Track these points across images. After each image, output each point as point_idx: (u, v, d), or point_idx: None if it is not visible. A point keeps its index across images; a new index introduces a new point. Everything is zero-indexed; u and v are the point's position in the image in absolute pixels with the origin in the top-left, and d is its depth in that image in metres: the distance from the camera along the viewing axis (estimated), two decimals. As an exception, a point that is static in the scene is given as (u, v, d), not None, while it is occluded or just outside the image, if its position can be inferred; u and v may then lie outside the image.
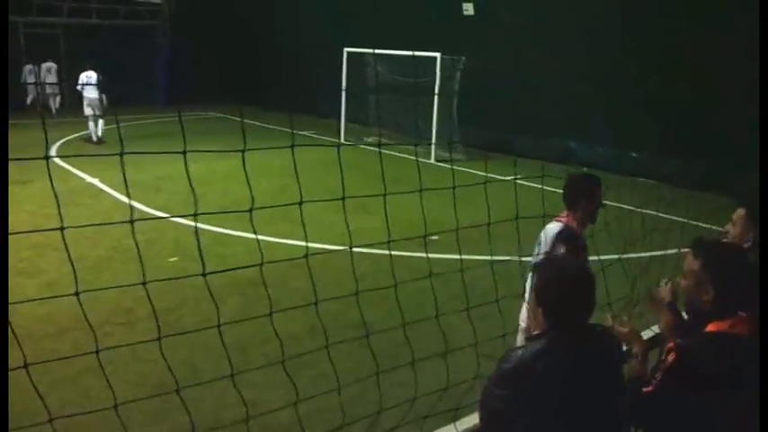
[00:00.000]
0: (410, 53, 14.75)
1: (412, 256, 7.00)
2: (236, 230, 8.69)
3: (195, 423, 4.37)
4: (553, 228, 4.03)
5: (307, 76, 20.91)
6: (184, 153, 1.97)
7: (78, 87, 15.69)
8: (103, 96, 15.56)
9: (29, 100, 21.04)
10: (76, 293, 2.03)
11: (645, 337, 3.06)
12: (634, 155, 13.56)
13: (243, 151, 2.13)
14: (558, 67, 14.36)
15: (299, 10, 21.64)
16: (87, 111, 15.51)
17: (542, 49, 14.59)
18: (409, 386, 3.35)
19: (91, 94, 15.39)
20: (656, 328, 3.01)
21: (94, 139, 15.70)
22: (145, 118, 19.58)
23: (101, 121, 15.68)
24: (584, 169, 12.99)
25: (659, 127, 12.13)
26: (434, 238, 7.39)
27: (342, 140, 16.69)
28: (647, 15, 12.73)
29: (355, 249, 7.62)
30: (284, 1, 22.30)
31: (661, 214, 7.05)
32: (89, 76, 15.56)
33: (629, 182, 10.03)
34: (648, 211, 6.62)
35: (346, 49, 16.90)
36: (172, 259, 7.59)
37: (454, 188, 2.82)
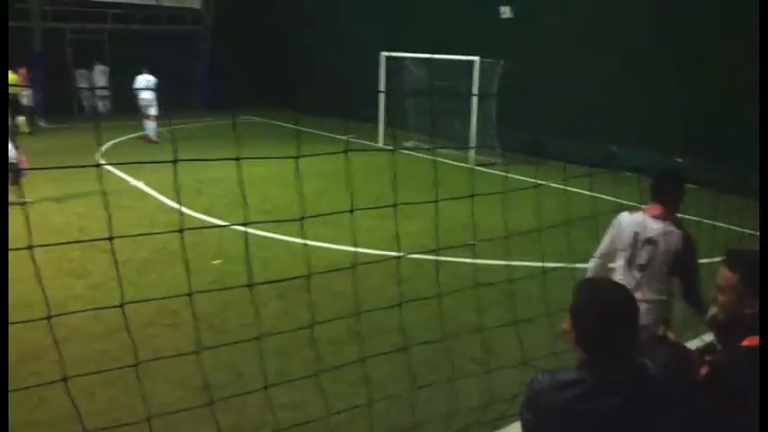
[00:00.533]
0: (448, 57, 14.81)
1: (452, 261, 6.98)
2: (278, 234, 8.78)
3: (238, 425, 4.45)
4: (666, 228, 3.90)
5: (345, 80, 21.02)
6: (238, 159, 2.01)
7: (135, 89, 16.52)
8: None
9: (85, 103, 21.82)
10: (121, 305, 2.08)
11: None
12: (678, 159, 13.29)
13: (296, 158, 2.15)
14: (599, 69, 14.17)
15: (337, 14, 21.79)
16: (145, 111, 16.54)
17: (583, 51, 14.41)
18: (450, 393, 3.34)
19: (147, 95, 16.27)
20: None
21: (155, 138, 16.66)
22: (186, 121, 19.94)
23: (155, 122, 16.67)
24: (627, 174, 12.80)
25: (703, 131, 11.86)
26: (474, 243, 7.36)
27: (381, 144, 16.73)
28: (691, 17, 12.49)
29: (396, 254, 7.64)
30: (323, 6, 22.48)
31: (705, 220, 6.90)
32: (148, 80, 16.63)
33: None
34: (691, 217, 6.49)
35: (384, 54, 16.95)
36: (215, 262, 7.71)
37: (502, 193, 2.82)
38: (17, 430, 4.45)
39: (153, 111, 16.57)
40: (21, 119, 17.19)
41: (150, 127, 16.69)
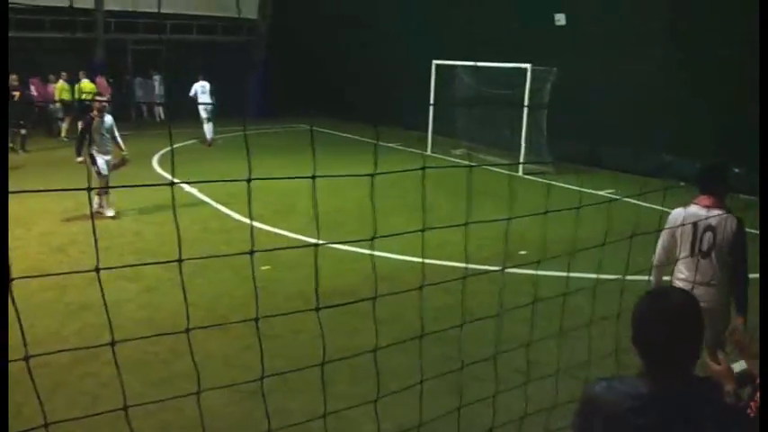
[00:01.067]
0: (500, 65, 14.70)
1: (498, 271, 6.90)
2: (325, 240, 8.85)
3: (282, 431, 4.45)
4: (721, 214, 4.18)
5: (394, 88, 21.10)
6: (313, 178, 2.01)
7: (192, 94, 17.94)
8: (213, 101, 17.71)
9: (144, 110, 22.65)
10: (188, 332, 2.11)
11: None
12: (736, 170, 12.83)
13: (373, 175, 2.14)
14: (652, 77, 13.83)
15: (387, 23, 21.89)
16: (202, 114, 17.93)
17: (638, 59, 14.09)
18: (497, 405, 3.29)
19: (204, 100, 17.82)
20: (743, 364, 2.69)
21: (209, 139, 17.98)
22: (240, 130, 20.31)
23: (211, 124, 17.97)
24: (681, 183, 12.44)
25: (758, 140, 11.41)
26: (523, 253, 7.26)
27: (429, 153, 16.70)
28: (748, 26, 12.08)
29: (440, 263, 7.60)
30: (373, 14, 22.62)
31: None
32: (203, 86, 18.05)
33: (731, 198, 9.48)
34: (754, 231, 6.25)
35: (435, 62, 16.93)
36: (264, 268, 7.81)
37: (577, 210, 2.76)
38: (69, 429, 4.57)
39: (209, 114, 17.91)
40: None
41: (207, 129, 18.02)
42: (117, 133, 10.65)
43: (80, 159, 10.06)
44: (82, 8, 20.72)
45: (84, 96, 18.51)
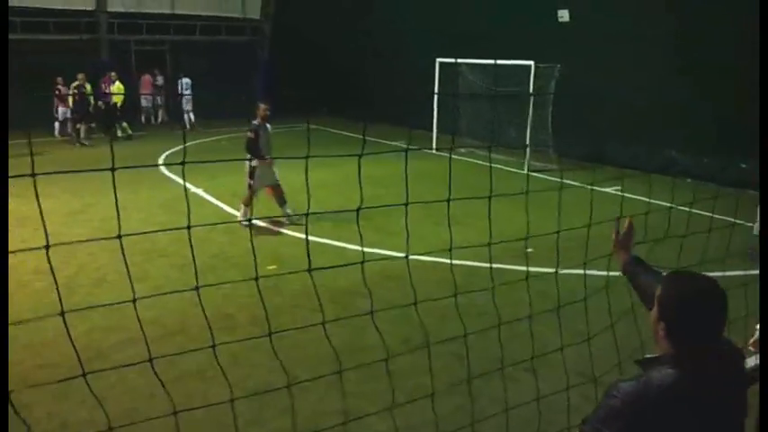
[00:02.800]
0: (504, 62, 14.67)
1: (506, 269, 6.88)
2: (331, 240, 8.85)
3: (291, 430, 4.47)
4: None
5: (398, 86, 21.07)
6: (306, 158, 2.01)
7: (179, 90, 21.67)
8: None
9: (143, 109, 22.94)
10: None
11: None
12: (743, 165, 12.79)
13: (360, 155, 2.14)
14: (657, 73, 13.79)
15: (391, 21, 21.87)
16: (187, 106, 21.41)
17: (642, 55, 14.05)
18: (508, 404, 3.28)
19: (186, 92, 21.71)
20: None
21: (188, 126, 21.13)
22: (244, 130, 20.31)
23: (192, 114, 21.31)
24: (688, 180, 12.40)
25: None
26: (530, 250, 7.24)
27: (434, 150, 16.68)
28: (752, 22, 12.02)
29: (447, 261, 7.58)
30: (377, 13, 22.60)
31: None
32: (187, 82, 21.66)
33: (739, 194, 9.45)
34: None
35: (439, 60, 16.91)
36: (270, 267, 7.81)
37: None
38: (77, 428, 4.59)
39: (190, 105, 21.43)
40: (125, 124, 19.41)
41: (190, 117, 21.39)
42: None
43: (267, 160, 9.84)
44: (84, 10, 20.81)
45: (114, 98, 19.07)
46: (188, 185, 12.44)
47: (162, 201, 10.86)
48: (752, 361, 2.46)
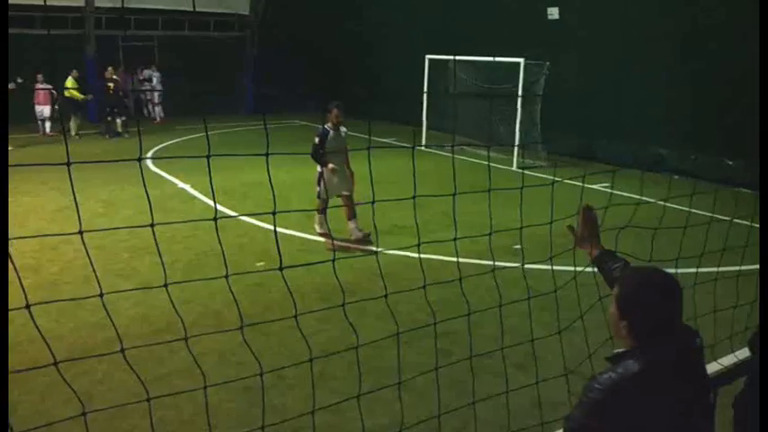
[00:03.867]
0: (493, 59, 14.68)
1: (496, 265, 6.89)
2: (320, 237, 8.84)
3: (279, 427, 4.45)
4: None
5: (387, 83, 21.07)
6: (266, 155, 1.99)
7: (150, 82, 21.82)
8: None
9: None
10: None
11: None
12: (730, 162, 12.88)
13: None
14: (647, 71, 13.84)
15: (381, 18, 21.85)
16: (156, 98, 21.86)
17: (630, 53, 14.11)
18: (495, 400, 3.29)
19: (157, 86, 21.88)
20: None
21: (157, 120, 21.45)
22: (232, 126, 20.26)
23: (161, 107, 21.89)
24: (676, 177, 12.47)
25: (756, 132, 11.43)
26: (517, 247, 7.25)
27: (423, 147, 16.67)
28: (743, 18, 12.10)
29: (438, 257, 7.60)
30: (367, 9, 22.57)
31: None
32: (157, 75, 22.00)
33: (726, 191, 9.52)
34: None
35: (428, 56, 16.91)
36: (259, 264, 7.78)
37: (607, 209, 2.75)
38: (67, 426, 4.54)
39: (158, 99, 22.00)
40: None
41: (158, 110, 22.04)
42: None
43: (331, 166, 8.34)
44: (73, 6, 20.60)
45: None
46: (176, 182, 12.38)
47: (150, 198, 10.79)
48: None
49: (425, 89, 16.98)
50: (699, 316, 2.90)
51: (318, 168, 8.63)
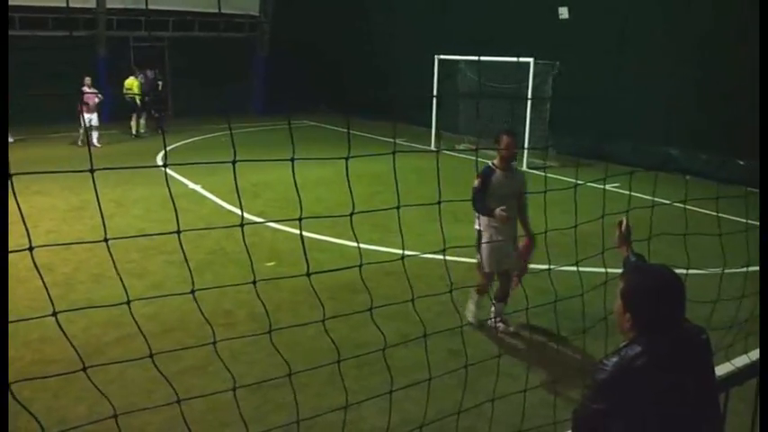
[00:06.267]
0: (502, 59, 14.67)
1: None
2: (330, 237, 8.86)
3: (290, 424, 4.47)
4: None
5: (397, 84, 21.07)
6: (292, 160, 2.02)
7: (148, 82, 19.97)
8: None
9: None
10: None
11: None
12: (741, 162, 12.80)
13: (347, 158, 2.16)
14: (656, 71, 13.78)
15: (391, 19, 21.84)
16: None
17: (641, 52, 14.04)
18: (505, 399, 3.29)
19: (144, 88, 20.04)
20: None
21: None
22: (243, 126, 20.34)
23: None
24: (687, 177, 12.40)
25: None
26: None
27: (433, 147, 16.69)
28: (752, 17, 12.03)
29: (448, 257, 7.59)
30: (377, 10, 22.57)
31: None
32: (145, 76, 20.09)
33: (736, 192, 9.44)
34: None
35: (438, 57, 16.90)
36: (269, 264, 7.82)
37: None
38: (76, 423, 4.59)
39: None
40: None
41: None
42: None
43: (500, 212, 5.62)
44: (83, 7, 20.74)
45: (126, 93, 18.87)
46: (186, 182, 12.44)
47: (161, 197, 10.84)
48: None
49: (435, 89, 16.97)
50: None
51: (477, 223, 6.13)
